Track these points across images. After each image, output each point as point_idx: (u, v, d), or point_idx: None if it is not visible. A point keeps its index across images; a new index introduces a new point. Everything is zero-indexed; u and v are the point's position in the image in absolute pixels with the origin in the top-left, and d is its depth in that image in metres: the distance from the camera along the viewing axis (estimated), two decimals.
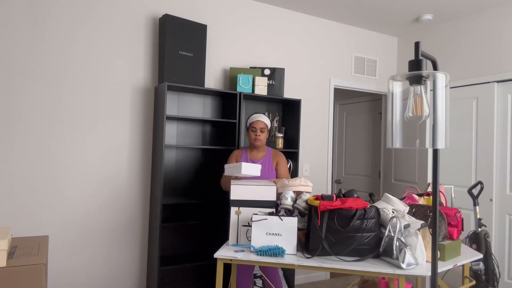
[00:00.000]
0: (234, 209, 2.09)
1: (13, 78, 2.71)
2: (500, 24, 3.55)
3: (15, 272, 1.50)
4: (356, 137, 5.15)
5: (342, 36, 4.22)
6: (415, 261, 1.79)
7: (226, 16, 3.53)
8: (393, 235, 1.86)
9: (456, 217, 2.19)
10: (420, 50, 1.19)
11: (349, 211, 1.92)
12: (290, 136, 3.59)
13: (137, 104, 3.13)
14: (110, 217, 3.03)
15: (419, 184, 4.16)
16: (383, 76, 4.50)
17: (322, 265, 1.83)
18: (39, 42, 2.78)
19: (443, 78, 1.15)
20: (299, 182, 2.28)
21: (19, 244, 1.84)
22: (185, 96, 3.31)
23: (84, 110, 2.94)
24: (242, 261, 1.90)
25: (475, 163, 3.70)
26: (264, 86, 3.35)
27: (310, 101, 4.01)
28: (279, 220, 1.96)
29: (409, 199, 2.38)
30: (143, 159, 3.16)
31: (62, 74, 2.87)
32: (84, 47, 2.94)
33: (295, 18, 3.92)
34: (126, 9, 3.09)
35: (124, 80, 3.08)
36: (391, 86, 1.22)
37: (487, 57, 3.65)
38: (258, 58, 3.71)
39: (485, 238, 2.85)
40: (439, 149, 1.29)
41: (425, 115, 1.15)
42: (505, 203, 3.47)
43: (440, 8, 3.67)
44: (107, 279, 3.02)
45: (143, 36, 3.16)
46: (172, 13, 3.26)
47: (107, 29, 3.02)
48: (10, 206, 2.70)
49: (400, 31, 4.38)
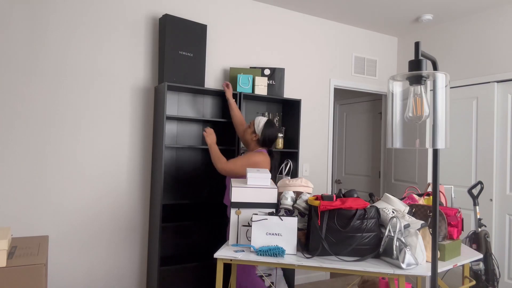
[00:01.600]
0: (234, 209, 2.09)
1: (13, 78, 2.71)
2: (500, 24, 3.55)
3: (15, 272, 1.50)
4: (356, 137, 5.15)
5: (342, 36, 4.22)
6: (415, 261, 1.79)
7: (226, 16, 3.53)
8: (393, 235, 1.86)
9: (456, 217, 2.19)
10: (420, 50, 1.19)
11: (349, 211, 1.92)
12: (290, 136, 3.59)
13: (137, 104, 3.13)
14: (110, 217, 3.03)
15: (419, 184, 4.16)
16: (383, 76, 4.50)
17: (322, 265, 1.83)
18: (38, 41, 2.78)
19: (443, 78, 1.15)
20: (299, 182, 2.28)
21: (19, 244, 1.84)
22: (185, 96, 3.31)
23: (84, 110, 2.94)
24: (242, 261, 1.90)
25: (475, 163, 3.70)
26: (264, 86, 3.35)
27: (310, 101, 4.01)
28: (279, 220, 1.96)
29: (409, 199, 2.39)
30: (143, 159, 3.16)
31: (62, 74, 2.87)
32: (84, 47, 2.94)
33: (295, 18, 3.92)
34: (126, 9, 3.09)
35: (124, 80, 3.08)
36: (391, 86, 1.22)
37: (487, 57, 3.65)
38: (258, 58, 3.71)
39: (485, 238, 2.85)
40: (439, 149, 1.29)
41: (425, 115, 1.15)
42: (505, 203, 3.47)
43: (440, 8, 3.68)
44: (107, 279, 3.02)
45: (143, 36, 3.16)
46: (172, 13, 3.26)
47: (107, 29, 3.02)
48: (10, 206, 2.70)
49: (400, 31, 4.38)
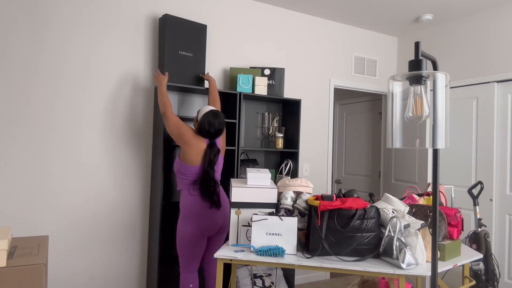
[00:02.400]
0: (234, 209, 2.09)
1: (13, 78, 2.71)
2: (500, 24, 3.55)
3: (15, 272, 1.50)
4: (356, 137, 5.15)
5: (342, 36, 4.22)
6: (415, 261, 1.79)
7: (226, 16, 3.53)
8: (393, 235, 1.86)
9: (456, 217, 2.19)
10: (420, 50, 1.19)
11: (349, 211, 1.92)
12: (290, 136, 3.59)
13: (137, 104, 3.13)
14: (110, 217, 3.03)
15: (419, 184, 4.16)
16: (383, 76, 4.50)
17: (322, 265, 1.83)
18: (38, 41, 2.78)
19: (443, 78, 1.15)
20: (299, 182, 2.28)
21: (19, 244, 1.83)
22: (185, 96, 3.31)
23: (84, 109, 2.94)
24: (242, 261, 1.90)
25: (475, 163, 3.70)
26: (264, 86, 3.35)
27: (310, 101, 4.01)
28: (279, 220, 1.96)
29: (409, 199, 2.39)
30: (143, 158, 3.15)
31: (62, 74, 2.87)
32: (84, 47, 2.94)
33: (295, 18, 3.92)
34: (126, 9, 3.09)
35: (124, 80, 3.08)
36: (391, 86, 1.22)
37: (487, 57, 3.65)
38: (258, 58, 3.71)
39: (485, 238, 2.85)
40: (439, 149, 1.29)
41: (425, 115, 1.15)
42: (505, 203, 3.47)
43: (440, 8, 3.68)
44: (107, 279, 3.02)
45: (143, 35, 3.16)
46: (172, 13, 3.26)
47: (107, 29, 3.01)
48: (10, 206, 2.70)
49: (400, 31, 4.38)
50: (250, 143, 3.60)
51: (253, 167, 3.32)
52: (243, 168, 3.27)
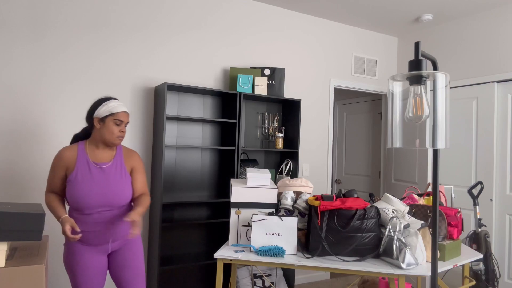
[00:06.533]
0: (234, 209, 2.09)
1: (13, 78, 2.71)
2: (500, 24, 3.55)
3: (15, 272, 1.50)
4: (356, 137, 5.15)
5: (342, 36, 4.22)
6: (415, 261, 1.79)
7: (226, 15, 3.53)
8: (393, 235, 1.86)
9: (456, 217, 2.19)
10: (420, 50, 1.19)
11: (349, 211, 1.92)
12: (290, 136, 3.59)
13: (137, 104, 3.13)
14: None
15: (419, 184, 4.16)
16: (383, 76, 4.50)
17: (322, 265, 1.83)
18: (38, 41, 2.78)
19: (443, 78, 1.15)
20: (299, 182, 2.28)
21: (19, 244, 1.83)
22: (185, 96, 3.31)
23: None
24: (242, 261, 1.90)
25: (475, 163, 3.70)
26: (264, 86, 3.35)
27: (310, 101, 4.01)
28: (279, 220, 1.96)
29: (409, 199, 2.39)
30: (143, 158, 3.15)
31: (62, 74, 2.87)
32: (84, 47, 2.94)
33: (295, 18, 3.92)
34: (127, 9, 3.09)
35: (125, 80, 3.08)
36: (391, 86, 1.22)
37: (487, 57, 3.65)
38: (258, 58, 3.71)
39: (485, 238, 2.85)
40: (439, 149, 1.29)
41: (425, 115, 1.15)
42: (505, 203, 3.47)
43: (440, 8, 3.68)
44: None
45: (143, 35, 3.16)
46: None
47: (107, 29, 3.01)
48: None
49: (400, 31, 4.38)
50: (250, 143, 3.60)
51: (253, 167, 3.32)
52: (243, 168, 3.27)
